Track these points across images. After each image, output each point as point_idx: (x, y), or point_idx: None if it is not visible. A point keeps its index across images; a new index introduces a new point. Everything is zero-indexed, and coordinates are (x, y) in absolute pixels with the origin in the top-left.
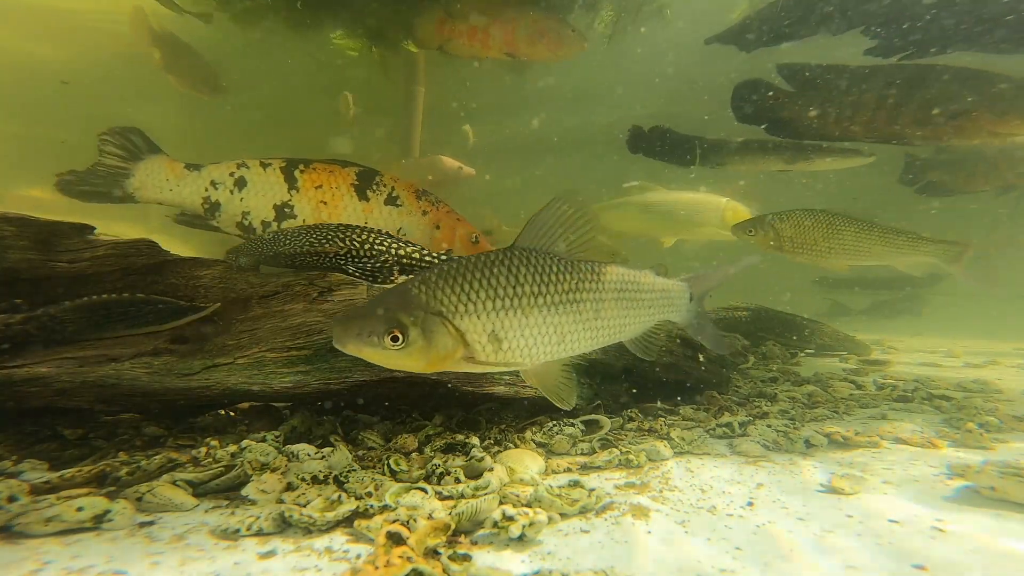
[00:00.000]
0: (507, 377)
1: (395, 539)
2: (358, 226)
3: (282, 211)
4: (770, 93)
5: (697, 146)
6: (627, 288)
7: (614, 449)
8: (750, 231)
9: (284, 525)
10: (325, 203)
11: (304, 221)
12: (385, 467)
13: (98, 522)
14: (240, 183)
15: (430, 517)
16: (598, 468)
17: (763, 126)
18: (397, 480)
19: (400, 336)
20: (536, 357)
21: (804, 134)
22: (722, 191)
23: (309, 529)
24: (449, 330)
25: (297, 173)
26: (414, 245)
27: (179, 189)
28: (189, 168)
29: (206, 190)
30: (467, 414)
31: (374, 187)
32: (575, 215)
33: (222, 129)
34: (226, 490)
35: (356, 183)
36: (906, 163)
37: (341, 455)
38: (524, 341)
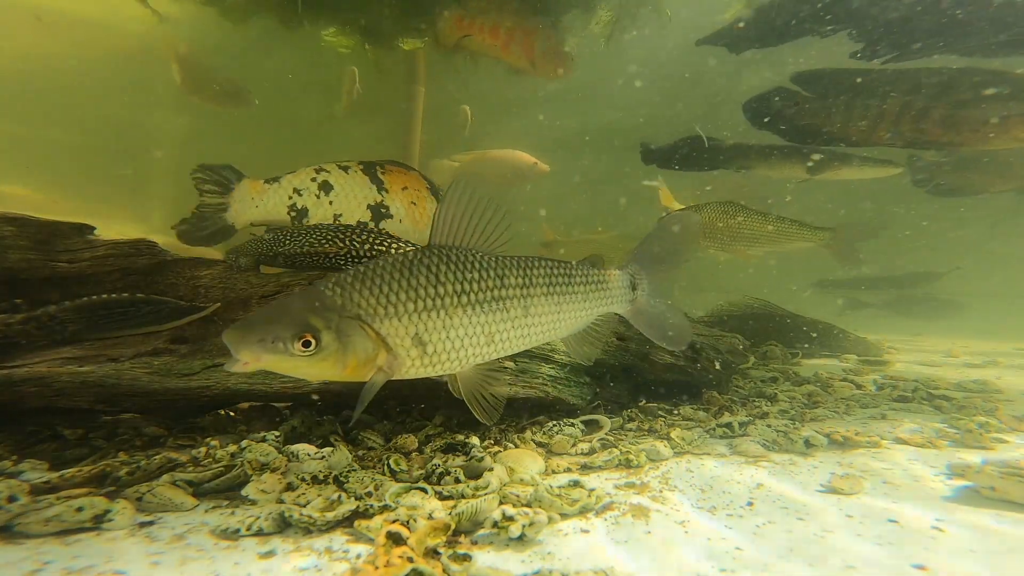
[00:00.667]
0: (507, 377)
1: (395, 539)
2: (358, 226)
3: (378, 211)
4: (793, 101)
5: (706, 144)
6: (557, 282)
7: (614, 449)
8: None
9: (284, 525)
10: (414, 204)
11: (400, 222)
12: (385, 467)
13: (98, 522)
14: (325, 187)
15: (430, 517)
16: (598, 468)
17: (780, 131)
18: (397, 480)
19: (312, 341)
20: (464, 361)
21: (824, 140)
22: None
23: (309, 529)
24: (368, 334)
25: (380, 175)
26: (414, 245)
27: (264, 204)
28: (268, 182)
29: (290, 198)
30: (467, 414)
31: (438, 189)
32: (479, 205)
33: (223, 129)
34: (226, 490)
35: (428, 185)
36: (912, 166)
37: (341, 455)
38: (450, 344)
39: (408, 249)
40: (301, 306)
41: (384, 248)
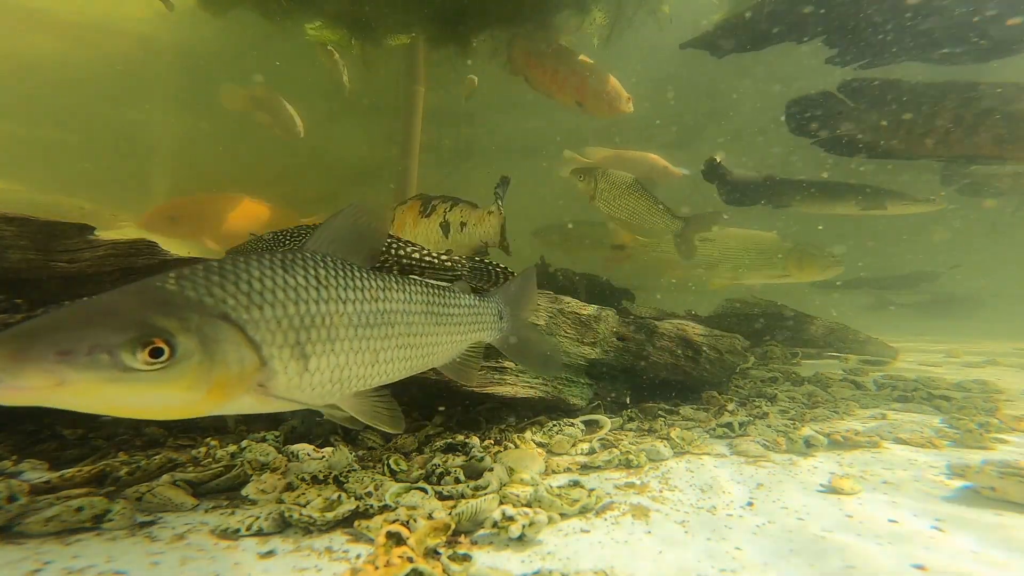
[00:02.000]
0: (508, 377)
1: (395, 539)
2: None
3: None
4: (837, 109)
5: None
6: (436, 303)
7: (614, 449)
8: (581, 178)
9: (284, 525)
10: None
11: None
12: (385, 467)
13: (98, 522)
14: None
15: (430, 517)
16: (598, 468)
17: (817, 141)
18: (397, 480)
19: (165, 349)
20: (346, 384)
21: (866, 152)
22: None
23: (309, 529)
24: (240, 340)
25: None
26: (414, 245)
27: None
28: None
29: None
30: (467, 414)
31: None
32: (371, 225)
33: (221, 130)
34: (226, 490)
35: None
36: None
37: (341, 455)
38: (336, 360)
39: (418, 250)
40: (135, 302)
41: (383, 248)
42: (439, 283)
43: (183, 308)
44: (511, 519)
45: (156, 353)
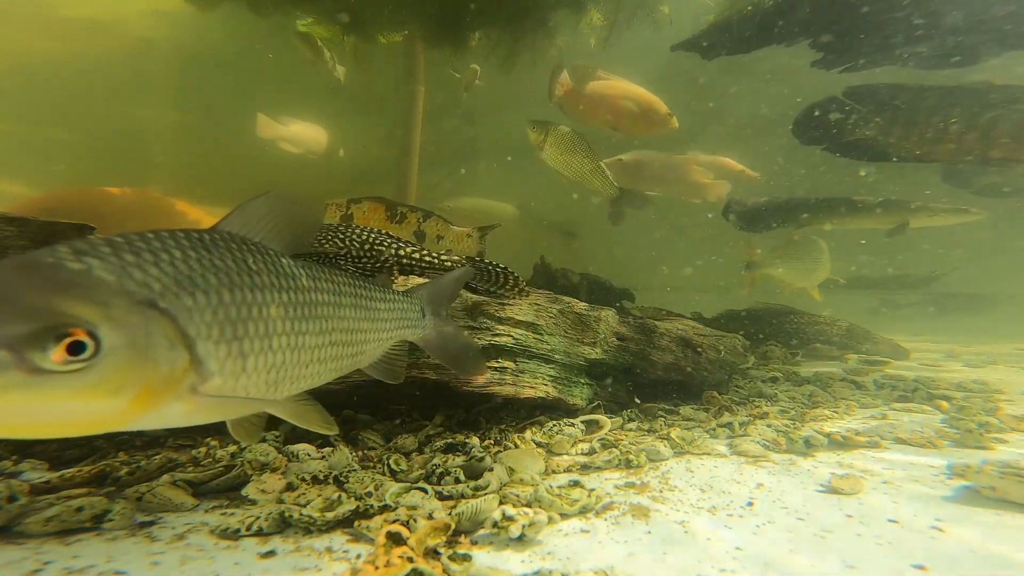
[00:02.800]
0: (507, 377)
1: (395, 539)
2: (358, 226)
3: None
4: (844, 113)
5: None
6: (364, 297)
7: (614, 449)
8: (534, 128)
9: (284, 525)
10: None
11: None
12: (385, 467)
13: (98, 522)
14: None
15: (430, 517)
16: (598, 468)
17: (830, 147)
18: (397, 480)
19: (89, 343)
20: (280, 387)
21: (877, 155)
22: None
23: (309, 529)
24: (172, 333)
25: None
26: (414, 245)
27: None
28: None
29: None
30: (467, 414)
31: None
32: (297, 213)
33: (221, 127)
34: (226, 490)
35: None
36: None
37: (341, 455)
38: (273, 358)
39: (418, 250)
40: (30, 282)
41: (384, 248)
42: (364, 275)
43: (100, 291)
44: (511, 519)
45: (75, 349)
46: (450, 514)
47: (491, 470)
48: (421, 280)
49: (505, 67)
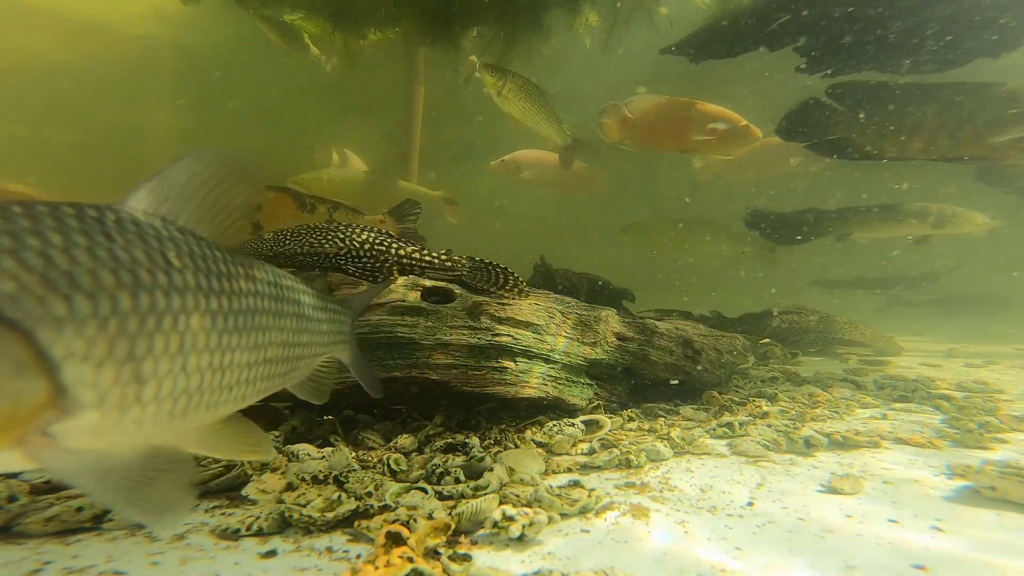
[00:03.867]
0: (508, 377)
1: (395, 539)
2: (358, 226)
3: None
4: (827, 112)
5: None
6: (306, 305)
7: (614, 449)
8: (492, 72)
9: (284, 525)
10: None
11: None
12: (385, 467)
13: (98, 522)
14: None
15: (430, 517)
16: (598, 468)
17: (813, 145)
18: (397, 480)
19: None
20: (192, 415)
21: (857, 154)
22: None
23: (309, 529)
24: (19, 353)
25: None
26: (414, 245)
27: None
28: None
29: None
30: (467, 414)
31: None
32: (236, 180)
33: (219, 131)
34: (226, 490)
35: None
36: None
37: (341, 455)
38: (185, 382)
39: (418, 250)
40: None
41: (384, 248)
42: (303, 279)
43: None
44: (511, 519)
45: None
46: (450, 514)
47: (491, 470)
48: (423, 281)
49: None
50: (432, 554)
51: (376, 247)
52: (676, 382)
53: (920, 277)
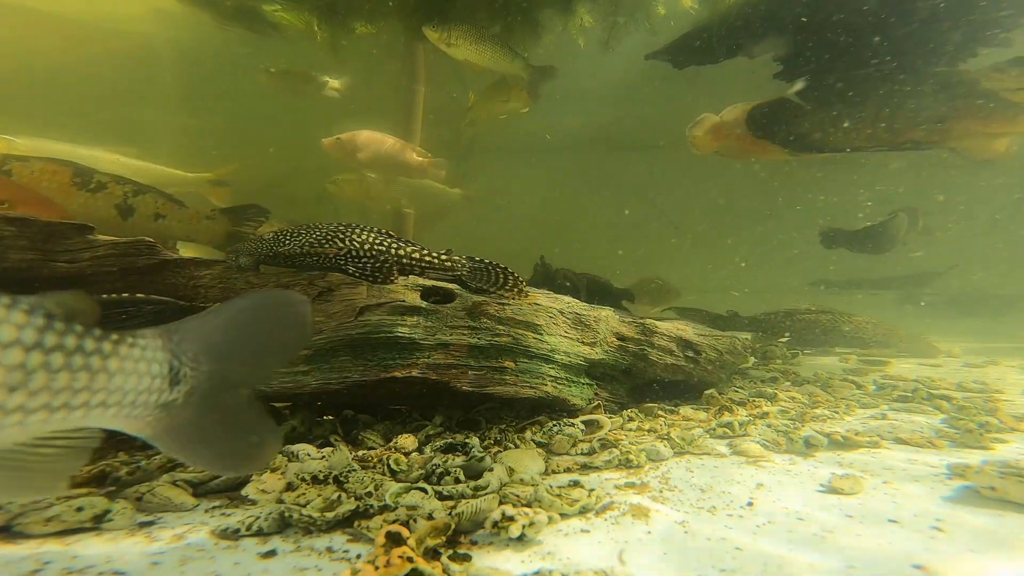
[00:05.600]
0: (508, 377)
1: (395, 539)
2: (358, 226)
3: None
4: (795, 112)
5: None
6: (46, 331)
7: (614, 449)
8: (434, 27)
9: (284, 525)
10: None
11: None
12: (385, 467)
13: (98, 522)
14: None
15: (430, 517)
16: (598, 468)
17: (780, 143)
18: (397, 480)
19: None
20: None
21: (821, 148)
22: None
23: (309, 529)
24: None
25: None
26: (414, 245)
27: None
28: None
29: None
30: (467, 414)
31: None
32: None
33: (217, 131)
34: (226, 490)
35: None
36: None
37: (341, 455)
38: None
39: (418, 250)
40: None
41: (383, 248)
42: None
43: None
44: (511, 519)
45: None
46: (450, 514)
47: (491, 470)
48: (423, 281)
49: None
50: (432, 554)
51: (376, 247)
52: (676, 381)
53: (921, 277)
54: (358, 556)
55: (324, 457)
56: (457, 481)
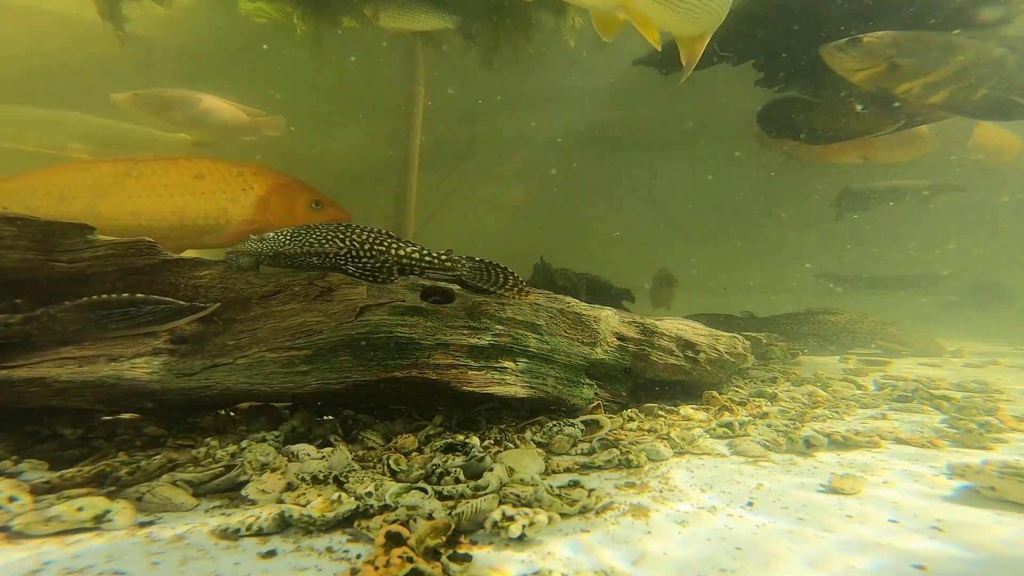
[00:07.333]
0: (508, 377)
1: (395, 539)
2: (358, 226)
3: None
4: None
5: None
6: None
7: (614, 449)
8: (372, 11)
9: (284, 525)
10: None
11: None
12: (385, 467)
13: (98, 522)
14: None
15: (430, 517)
16: (598, 468)
17: (798, 138)
18: (397, 480)
19: None
20: None
21: (838, 137)
22: None
23: (309, 529)
24: None
25: None
26: (414, 245)
27: None
28: None
29: None
30: (467, 414)
31: None
32: None
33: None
34: (226, 490)
35: None
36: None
37: (341, 455)
38: None
39: (418, 250)
40: None
41: (383, 248)
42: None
43: None
44: (511, 519)
45: None
46: (450, 514)
47: (491, 470)
48: (423, 281)
49: (486, 61)
50: (432, 554)
51: (376, 247)
52: (676, 381)
53: (919, 277)
54: (358, 556)
55: (324, 457)
56: (457, 481)
